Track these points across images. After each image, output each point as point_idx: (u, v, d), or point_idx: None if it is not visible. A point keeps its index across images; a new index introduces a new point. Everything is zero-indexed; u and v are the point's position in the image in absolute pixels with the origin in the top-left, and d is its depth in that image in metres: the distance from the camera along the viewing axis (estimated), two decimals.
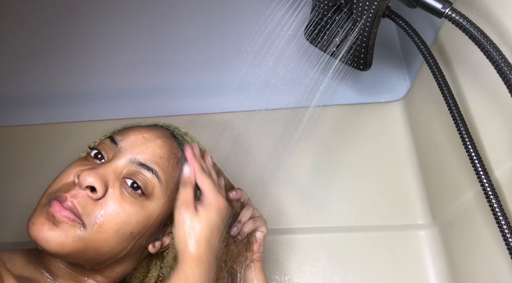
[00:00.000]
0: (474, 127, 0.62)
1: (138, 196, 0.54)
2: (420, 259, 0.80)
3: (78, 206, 0.51)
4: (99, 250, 0.52)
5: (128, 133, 0.58)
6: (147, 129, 0.59)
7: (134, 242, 0.55)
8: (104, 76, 1.03)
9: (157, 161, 0.56)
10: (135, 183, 0.54)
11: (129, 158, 0.55)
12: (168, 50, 1.04)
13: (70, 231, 0.50)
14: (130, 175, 0.54)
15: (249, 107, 0.93)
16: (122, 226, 0.52)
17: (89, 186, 0.52)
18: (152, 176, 0.55)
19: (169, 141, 0.59)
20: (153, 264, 0.63)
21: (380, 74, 0.96)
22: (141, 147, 0.56)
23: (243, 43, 0.74)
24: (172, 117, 0.95)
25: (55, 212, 0.50)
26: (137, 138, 0.57)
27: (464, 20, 0.53)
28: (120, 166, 0.54)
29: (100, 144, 0.57)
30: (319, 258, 0.83)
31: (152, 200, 0.55)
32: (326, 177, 0.88)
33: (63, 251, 0.50)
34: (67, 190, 0.52)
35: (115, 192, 0.53)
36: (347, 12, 0.71)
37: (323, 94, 0.75)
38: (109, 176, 0.53)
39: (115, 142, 0.56)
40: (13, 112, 1.01)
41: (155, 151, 0.56)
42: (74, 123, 0.97)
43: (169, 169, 0.56)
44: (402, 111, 0.91)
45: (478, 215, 0.64)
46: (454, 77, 0.68)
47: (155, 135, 0.58)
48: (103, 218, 0.51)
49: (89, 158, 0.57)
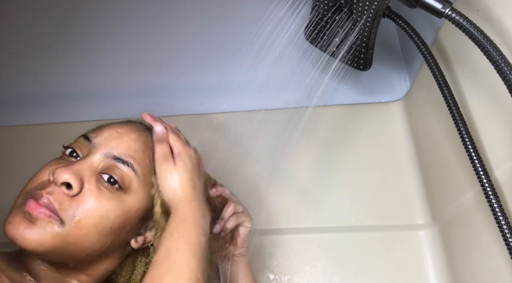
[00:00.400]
0: (474, 127, 0.62)
1: (115, 190, 0.54)
2: (420, 259, 0.80)
3: (54, 202, 0.51)
4: (80, 246, 0.52)
5: (102, 130, 0.58)
6: (121, 124, 0.59)
7: (114, 237, 0.54)
8: (104, 76, 1.03)
9: (132, 154, 0.56)
10: (112, 177, 0.54)
11: (104, 153, 0.55)
12: (168, 50, 1.04)
13: (47, 228, 0.50)
14: (106, 170, 0.54)
15: (249, 107, 0.93)
16: (101, 221, 0.52)
17: (65, 182, 0.51)
18: (128, 169, 0.55)
19: (144, 133, 0.59)
20: (138, 261, 0.63)
21: (380, 74, 0.95)
22: (115, 141, 0.56)
23: (243, 43, 0.74)
24: (172, 117, 0.95)
25: (31, 209, 0.50)
26: (111, 133, 0.57)
27: (464, 20, 0.53)
28: (95, 162, 0.54)
29: (74, 142, 0.58)
30: (319, 258, 0.83)
31: (130, 194, 0.55)
32: (326, 177, 0.88)
33: (42, 248, 0.50)
34: (42, 188, 0.52)
35: (91, 187, 0.53)
36: (347, 12, 0.71)
37: (323, 94, 0.75)
38: (84, 172, 0.53)
39: (89, 139, 0.57)
40: (13, 112, 1.01)
41: (130, 145, 0.56)
42: (74, 123, 0.97)
43: (145, 162, 0.57)
44: (402, 111, 0.91)
45: (478, 215, 0.64)
46: (454, 77, 0.68)
47: (129, 129, 0.58)
48: (81, 214, 0.51)
49: (64, 157, 0.57)
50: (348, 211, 0.85)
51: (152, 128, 0.61)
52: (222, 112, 0.94)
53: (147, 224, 0.59)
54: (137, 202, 0.56)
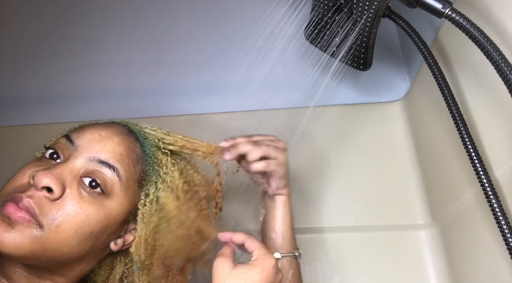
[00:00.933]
0: (474, 127, 0.62)
1: (97, 195, 0.53)
2: (420, 259, 0.80)
3: (34, 206, 0.50)
4: (58, 251, 0.51)
5: (84, 131, 0.57)
6: (104, 126, 0.58)
7: (94, 241, 0.54)
8: (104, 76, 1.03)
9: (118, 158, 0.55)
10: (94, 181, 0.53)
11: (88, 157, 0.54)
12: (168, 50, 1.04)
13: (26, 232, 0.49)
14: (88, 174, 0.53)
15: (249, 107, 0.93)
16: (81, 225, 0.51)
17: (45, 186, 0.50)
18: (112, 174, 0.54)
19: (127, 137, 0.58)
20: (117, 261, 0.63)
21: (380, 74, 0.95)
22: (99, 145, 0.55)
23: (243, 43, 0.74)
24: (172, 117, 0.95)
25: (10, 213, 0.49)
26: (94, 136, 0.56)
27: (464, 20, 0.53)
28: (78, 166, 0.53)
29: (56, 143, 0.56)
30: (319, 258, 0.83)
31: (112, 199, 0.54)
32: (326, 177, 0.88)
33: (20, 252, 0.49)
34: (22, 191, 0.51)
35: (73, 192, 0.52)
36: (347, 12, 0.71)
37: (323, 94, 0.75)
38: (66, 176, 0.52)
39: (71, 141, 0.55)
40: (13, 112, 1.01)
41: (114, 149, 0.55)
42: (74, 123, 0.97)
43: (129, 166, 0.56)
44: (402, 111, 0.91)
45: (478, 215, 0.64)
46: (454, 77, 0.68)
47: (112, 132, 0.57)
48: (61, 218, 0.50)
49: (43, 159, 0.56)
50: (348, 211, 0.85)
51: (133, 132, 0.60)
52: (222, 112, 0.94)
53: (127, 226, 0.58)
54: (118, 207, 0.55)
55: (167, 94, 1.00)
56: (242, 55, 0.75)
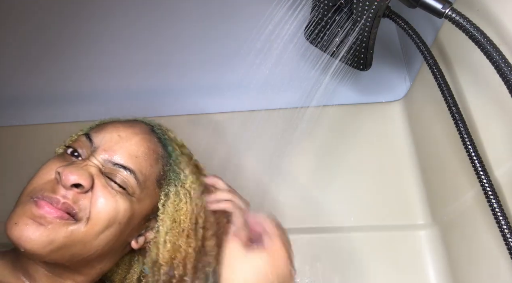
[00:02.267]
0: (474, 127, 0.62)
1: (120, 189, 0.53)
2: (420, 259, 0.80)
3: (73, 205, 0.51)
4: (88, 244, 0.51)
5: (104, 130, 0.57)
6: (124, 126, 0.58)
7: (120, 235, 0.54)
8: (104, 76, 1.03)
9: (134, 160, 0.55)
10: (113, 181, 0.53)
11: (104, 158, 0.54)
12: (168, 50, 1.04)
13: (61, 229, 0.49)
14: (108, 174, 0.54)
15: (249, 107, 0.93)
16: (112, 214, 0.52)
17: (75, 184, 0.51)
18: (129, 175, 0.54)
19: (148, 137, 0.58)
20: (135, 260, 0.63)
21: (380, 74, 0.95)
22: (116, 147, 0.55)
23: (243, 43, 0.74)
24: (172, 117, 0.95)
25: (46, 213, 0.49)
26: (112, 136, 0.56)
27: (464, 20, 0.53)
28: (98, 164, 0.54)
29: (76, 141, 0.57)
30: (319, 258, 0.83)
31: (133, 196, 0.55)
32: (326, 177, 0.88)
33: (48, 247, 0.49)
34: (53, 190, 0.51)
35: (101, 182, 0.53)
36: (347, 12, 0.71)
37: (323, 94, 0.75)
38: (91, 170, 0.53)
39: (90, 140, 0.56)
40: (13, 112, 1.01)
41: (131, 151, 0.55)
42: (74, 123, 0.97)
43: (146, 167, 0.56)
44: (402, 111, 0.91)
45: (478, 215, 0.64)
46: (454, 77, 0.68)
47: (132, 132, 0.57)
48: (95, 209, 0.51)
49: (66, 156, 0.56)
50: (348, 211, 0.85)
51: (155, 131, 0.59)
52: (222, 112, 0.94)
53: (148, 224, 0.59)
54: (139, 203, 0.55)
55: (167, 94, 1.00)
56: (242, 55, 0.75)
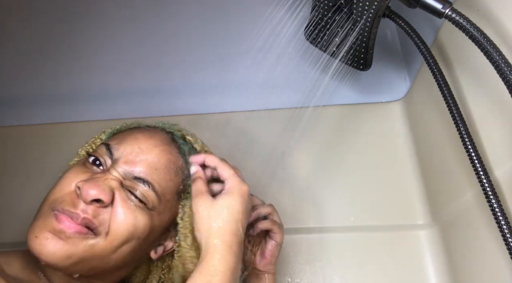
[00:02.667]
0: (474, 127, 0.62)
1: (139, 204, 0.53)
2: (420, 259, 0.80)
3: (93, 220, 0.51)
4: (106, 259, 0.52)
5: (124, 141, 0.56)
6: (145, 136, 0.57)
7: (138, 249, 0.54)
8: (104, 76, 1.03)
9: (152, 173, 0.54)
10: (133, 194, 0.53)
11: (124, 172, 0.54)
12: (168, 50, 1.04)
13: (81, 243, 0.49)
14: (128, 188, 0.53)
15: (249, 107, 0.93)
16: (131, 230, 0.52)
17: (95, 199, 0.51)
18: (148, 189, 0.53)
19: (168, 148, 0.57)
20: (154, 266, 0.63)
21: (380, 74, 0.95)
22: (136, 159, 0.54)
23: (243, 43, 0.74)
24: (172, 117, 0.95)
25: (66, 228, 0.49)
26: (133, 149, 0.55)
27: (464, 20, 0.53)
28: (118, 177, 0.54)
29: (97, 151, 0.56)
30: (319, 258, 0.83)
31: (152, 209, 0.54)
32: (326, 177, 0.88)
33: (68, 261, 0.49)
34: (73, 204, 0.51)
35: (122, 197, 0.52)
36: (347, 12, 0.71)
37: (323, 94, 0.75)
38: (111, 183, 0.53)
39: (110, 151, 0.55)
40: (13, 112, 1.01)
41: (151, 163, 0.55)
42: (74, 123, 0.97)
43: (165, 180, 0.55)
44: (402, 111, 0.91)
45: (478, 215, 0.64)
46: (454, 77, 0.68)
47: (152, 144, 0.56)
48: (115, 224, 0.51)
49: (87, 164, 0.55)
50: (348, 211, 0.85)
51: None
52: (222, 112, 0.94)
53: (168, 234, 0.59)
54: (158, 216, 0.55)
55: (167, 94, 1.00)
56: (242, 55, 0.75)
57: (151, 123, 0.63)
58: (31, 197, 0.58)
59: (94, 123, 0.96)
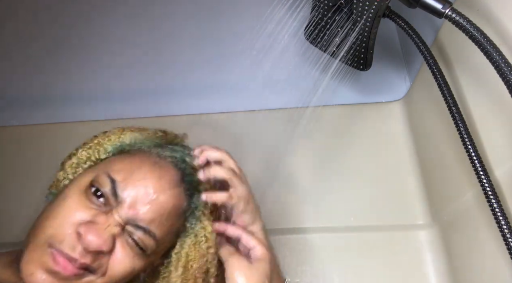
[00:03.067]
0: (474, 127, 0.62)
1: (137, 249, 0.54)
2: (420, 259, 0.80)
3: (92, 264, 0.51)
4: None
5: (131, 178, 0.54)
6: (154, 176, 0.55)
7: (133, 277, 0.56)
8: (104, 76, 1.03)
9: (156, 220, 0.54)
10: (133, 240, 0.53)
11: (128, 216, 0.53)
12: (168, 50, 1.04)
13: (76, 281, 0.51)
14: (129, 233, 0.53)
15: (249, 107, 0.93)
16: (128, 271, 0.53)
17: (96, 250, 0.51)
18: (148, 238, 0.54)
19: (176, 192, 0.56)
20: None
21: (380, 74, 0.95)
22: (141, 205, 0.53)
23: (243, 43, 0.74)
24: (172, 117, 0.95)
25: (63, 270, 0.49)
26: (139, 192, 0.53)
27: (464, 20, 0.53)
28: (120, 221, 0.53)
29: (100, 182, 0.54)
30: (319, 258, 0.83)
31: (150, 253, 0.55)
32: (326, 177, 0.88)
33: None
34: (72, 247, 0.50)
35: (121, 244, 0.53)
36: (347, 12, 0.71)
37: (323, 94, 0.75)
38: (113, 231, 0.52)
39: (116, 192, 0.53)
40: (13, 112, 1.01)
41: (155, 210, 0.54)
42: (74, 123, 0.97)
43: (167, 225, 0.55)
44: (402, 111, 0.91)
45: (478, 215, 0.64)
46: (454, 77, 0.68)
47: (161, 187, 0.55)
48: (112, 268, 0.52)
49: (88, 194, 0.53)
50: (348, 211, 0.85)
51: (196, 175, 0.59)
52: (222, 112, 0.94)
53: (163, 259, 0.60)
54: (155, 255, 0.57)
55: (167, 94, 1.00)
56: (242, 55, 0.75)
57: (162, 153, 0.59)
58: (31, 197, 0.57)
59: (94, 123, 0.96)
